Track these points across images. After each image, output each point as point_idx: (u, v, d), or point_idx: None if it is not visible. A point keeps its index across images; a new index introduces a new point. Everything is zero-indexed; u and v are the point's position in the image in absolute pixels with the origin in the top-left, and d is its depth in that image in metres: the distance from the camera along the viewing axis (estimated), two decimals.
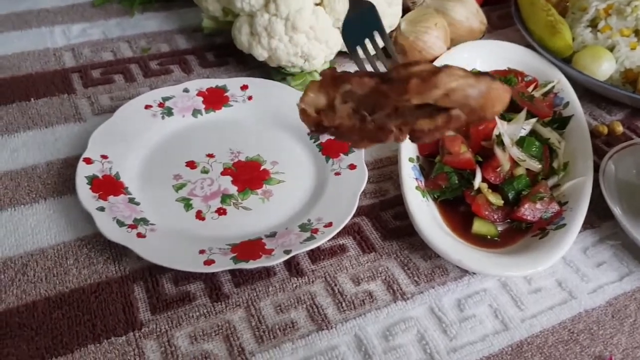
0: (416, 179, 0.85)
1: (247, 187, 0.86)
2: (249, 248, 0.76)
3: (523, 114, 0.89)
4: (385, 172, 0.93)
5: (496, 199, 0.82)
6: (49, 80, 1.04)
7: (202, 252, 0.75)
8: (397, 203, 0.87)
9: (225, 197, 0.84)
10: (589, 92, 1.08)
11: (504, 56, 1.07)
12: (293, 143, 0.93)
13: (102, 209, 0.78)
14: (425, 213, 0.80)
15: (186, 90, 0.97)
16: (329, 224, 0.79)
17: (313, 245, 0.76)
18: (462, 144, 0.85)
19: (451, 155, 0.85)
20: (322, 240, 0.76)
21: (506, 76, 0.99)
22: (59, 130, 0.92)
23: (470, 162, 0.84)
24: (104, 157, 0.86)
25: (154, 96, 0.95)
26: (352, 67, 1.12)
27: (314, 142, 0.93)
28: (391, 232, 0.83)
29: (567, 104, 0.99)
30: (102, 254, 0.78)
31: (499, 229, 0.82)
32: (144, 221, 0.79)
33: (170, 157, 0.87)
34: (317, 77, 1.01)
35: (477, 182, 0.83)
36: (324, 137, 0.93)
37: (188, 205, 0.83)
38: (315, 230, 0.78)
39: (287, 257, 0.74)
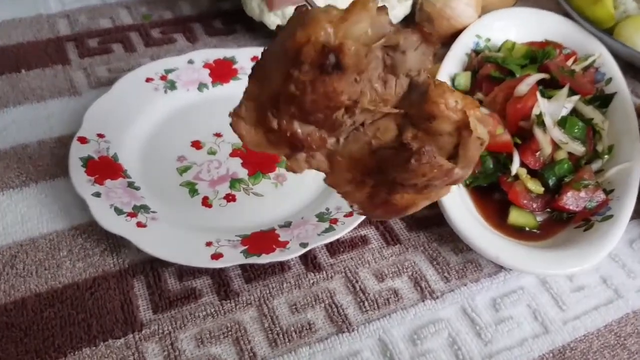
0: None
1: (258, 171, 0.78)
2: (261, 240, 0.68)
3: (565, 90, 0.80)
4: None
5: (535, 186, 0.73)
6: (42, 49, 0.95)
7: (209, 244, 0.67)
8: None
9: (235, 182, 0.76)
10: (632, 67, 0.99)
11: (540, 26, 0.98)
12: None
13: (98, 194, 0.71)
14: (456, 201, 0.72)
15: (191, 62, 0.89)
16: (350, 214, 0.71)
17: (332, 238, 0.68)
18: (498, 124, 0.76)
19: None
20: (341, 232, 0.68)
21: (544, 48, 0.89)
22: (52, 105, 0.84)
23: (508, 144, 0.75)
24: (101, 136, 0.78)
25: (155, 68, 0.87)
26: None
27: None
28: (418, 221, 0.75)
29: (610, 80, 0.90)
30: (99, 245, 0.70)
31: (538, 219, 0.74)
32: (145, 208, 0.71)
33: (173, 136, 0.81)
34: None
35: (515, 167, 0.74)
36: None
37: (193, 191, 0.75)
38: (334, 221, 0.70)
39: (303, 250, 0.66)
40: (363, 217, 0.70)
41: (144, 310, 0.65)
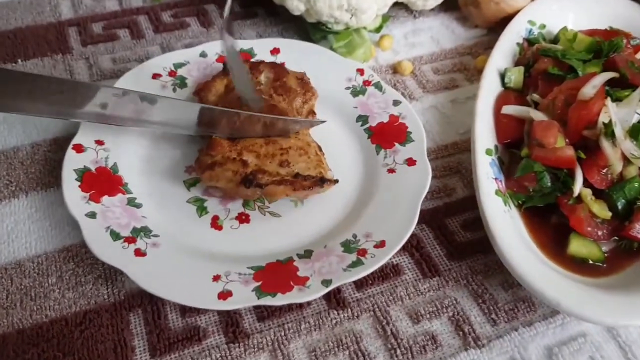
0: (495, 178, 0.65)
1: None
2: (277, 274, 0.59)
3: (638, 92, 0.68)
4: (451, 164, 0.73)
5: (602, 210, 0.62)
6: (41, 36, 0.86)
7: (216, 278, 0.58)
8: (468, 206, 0.68)
9: (249, 200, 0.66)
10: None
11: (604, 11, 0.85)
12: (334, 125, 0.74)
13: (92, 214, 0.62)
14: (508, 228, 0.61)
15: (203, 55, 0.78)
16: (381, 244, 0.60)
17: (359, 275, 0.58)
18: (558, 133, 0.64)
19: (543, 149, 0.64)
20: (371, 269, 0.59)
21: (611, 39, 0.76)
22: None
23: (570, 159, 0.64)
24: (99, 142, 0.68)
25: (163, 62, 0.77)
26: (407, 24, 0.91)
27: (361, 124, 0.73)
28: (460, 247, 0.65)
29: None
30: (92, 271, 0.62)
31: (604, 249, 0.62)
32: (145, 232, 0.62)
33: (182, 142, 0.72)
34: (365, 36, 0.81)
35: (578, 186, 0.63)
36: (373, 121, 0.73)
37: (202, 209, 0.65)
38: (363, 252, 0.60)
39: (325, 290, 0.57)
40: (396, 249, 0.60)
41: (140, 352, 0.56)
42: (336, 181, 0.65)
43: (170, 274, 0.58)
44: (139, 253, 0.60)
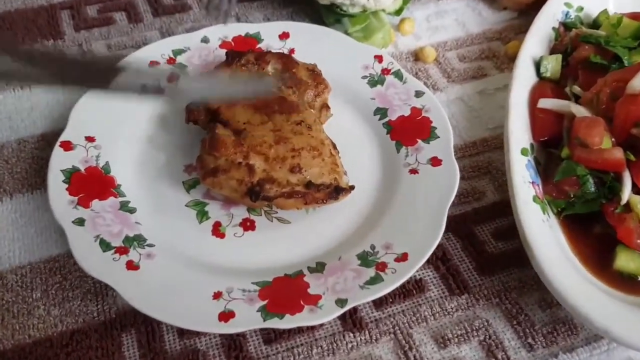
0: (532, 182, 0.58)
1: None
2: (286, 291, 0.52)
3: None
4: (480, 163, 0.66)
5: None
6: (31, 20, 0.79)
7: (217, 295, 0.51)
8: (499, 212, 0.62)
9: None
10: None
11: None
12: (349, 119, 0.67)
13: (81, 221, 0.55)
14: (547, 239, 0.55)
15: (205, 40, 0.71)
16: (403, 257, 0.54)
17: (379, 293, 0.52)
18: (604, 131, 0.57)
19: (587, 150, 0.57)
20: (392, 286, 0.52)
21: None
22: (37, 94, 0.70)
23: (618, 162, 0.57)
24: (90, 139, 0.62)
25: (161, 48, 0.70)
26: (430, 5, 0.83)
27: (380, 118, 0.66)
28: (491, 260, 0.58)
29: None
30: (81, 284, 0.56)
31: None
32: (139, 241, 0.55)
33: (182, 138, 0.65)
34: (383, 19, 0.73)
35: (627, 193, 0.56)
36: (393, 114, 0.66)
37: (202, 214, 0.59)
38: (382, 267, 0.53)
39: (339, 312, 0.51)
40: (420, 263, 0.53)
41: None
42: (352, 188, 0.58)
43: (166, 290, 0.52)
44: (131, 266, 0.53)
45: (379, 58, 0.70)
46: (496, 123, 0.70)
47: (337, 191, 0.57)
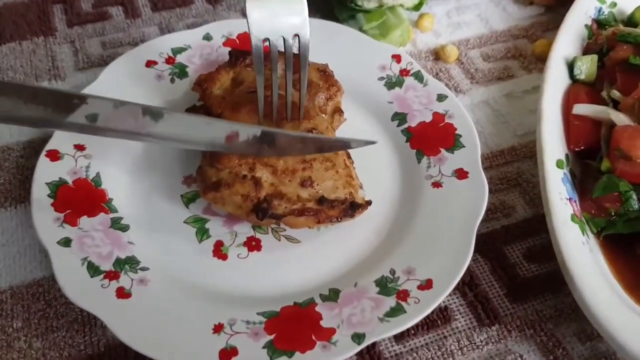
0: (569, 199, 0.52)
1: None
2: (295, 324, 0.47)
3: None
4: (508, 174, 0.60)
5: None
6: (21, 15, 0.74)
7: (218, 328, 0.46)
8: (531, 230, 0.57)
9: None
10: None
11: None
12: (364, 125, 0.62)
13: (67, 242, 0.50)
14: (587, 263, 0.49)
15: (208, 38, 0.65)
16: (427, 284, 0.48)
17: (401, 327, 0.46)
18: None
19: (630, 163, 0.51)
20: (415, 318, 0.46)
21: None
22: None
23: None
24: (80, 147, 0.56)
25: (160, 46, 0.64)
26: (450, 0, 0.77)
27: (398, 124, 0.60)
28: (524, 285, 0.53)
29: None
30: (67, 312, 0.51)
31: None
32: (132, 264, 0.50)
33: None
34: (402, 15, 0.67)
35: None
36: (413, 120, 0.60)
37: (203, 232, 0.53)
38: (404, 295, 0.47)
39: (356, 349, 0.45)
40: (447, 292, 0.47)
41: None
42: (369, 204, 0.52)
43: (161, 322, 0.46)
44: (122, 294, 0.47)
45: (397, 58, 0.64)
46: (525, 129, 0.64)
47: (352, 207, 0.51)
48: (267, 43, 0.50)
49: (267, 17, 0.49)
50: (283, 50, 0.51)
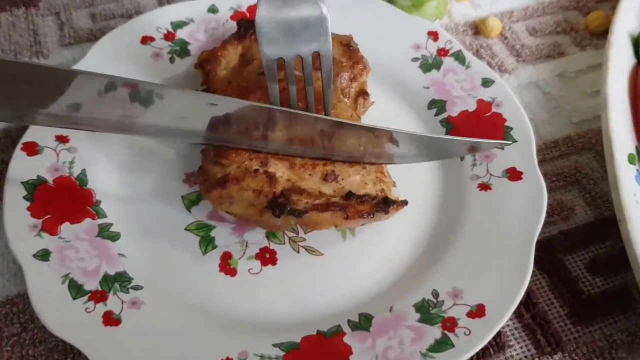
0: None
1: None
2: (319, 356, 0.38)
3: None
4: (565, 169, 0.52)
5: None
6: None
7: None
8: (594, 236, 0.48)
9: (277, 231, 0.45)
10: None
11: None
12: (395, 114, 0.53)
13: (44, 255, 0.42)
14: None
15: (213, 10, 0.57)
16: (479, 310, 0.40)
17: None
18: None
19: None
20: (465, 354, 0.38)
21: None
22: None
23: None
24: (62, 139, 0.48)
25: (158, 20, 0.56)
26: None
27: (435, 113, 0.51)
28: (589, 303, 0.45)
29: None
30: (45, 339, 0.43)
31: None
32: (122, 281, 0.42)
33: None
34: None
35: None
36: (454, 109, 0.51)
37: (208, 241, 0.45)
38: (451, 325, 0.39)
39: None
40: (504, 321, 0.39)
41: None
42: (404, 203, 0.44)
43: (156, 357, 0.38)
44: (109, 320, 0.40)
45: (433, 35, 0.55)
46: (582, 116, 0.55)
47: (386, 203, 0.43)
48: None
49: (281, 32, 0.40)
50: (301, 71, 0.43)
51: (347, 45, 0.52)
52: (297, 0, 0.39)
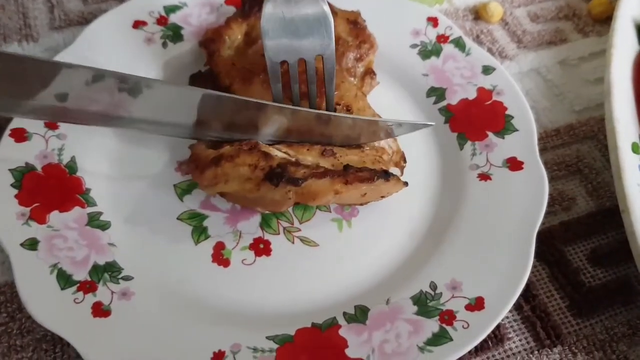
0: None
1: None
2: (314, 352, 0.38)
3: None
4: (566, 158, 0.51)
5: None
6: None
7: (217, 357, 0.37)
8: (596, 227, 0.47)
9: (270, 216, 0.44)
10: None
11: None
12: (394, 102, 0.52)
13: (32, 244, 0.41)
14: None
15: None
16: (478, 303, 0.39)
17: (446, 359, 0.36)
18: None
19: None
20: (464, 348, 0.37)
21: None
22: None
23: None
24: (51, 125, 0.47)
25: (150, 3, 0.55)
26: None
27: (435, 101, 0.50)
28: (590, 295, 0.44)
29: None
30: (33, 329, 0.41)
31: None
32: (112, 271, 0.41)
33: None
34: None
35: None
36: (453, 97, 0.50)
37: (200, 231, 0.44)
38: (449, 318, 0.38)
39: None
40: (503, 314, 0.38)
41: None
42: (405, 184, 0.43)
43: (146, 349, 0.37)
44: (99, 311, 0.39)
45: (433, 21, 0.54)
46: (584, 104, 0.54)
47: (386, 174, 0.42)
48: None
49: (285, 35, 0.40)
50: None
51: (354, 23, 0.50)
52: (301, 2, 0.40)
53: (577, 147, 0.51)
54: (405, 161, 0.46)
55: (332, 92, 0.43)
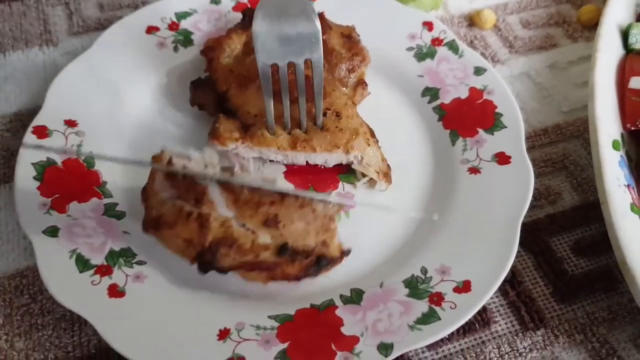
0: (627, 185, 0.45)
1: (310, 187, 0.48)
2: (312, 330, 0.41)
3: None
4: (553, 156, 0.54)
5: None
6: None
7: (223, 334, 0.40)
8: (580, 219, 0.50)
9: None
10: None
11: None
12: (390, 102, 0.55)
13: (53, 231, 0.44)
14: None
15: (216, 1, 0.59)
16: (465, 286, 0.42)
17: (434, 337, 0.40)
18: None
19: None
20: (451, 327, 0.41)
21: None
22: (14, 61, 0.60)
23: None
24: (71, 123, 0.51)
25: (162, 10, 0.59)
26: None
27: (429, 100, 0.53)
28: (573, 282, 0.47)
29: None
30: (53, 309, 0.45)
31: None
32: (127, 256, 0.44)
33: (186, 117, 0.54)
34: None
35: None
36: (446, 96, 0.53)
37: None
38: (438, 299, 0.41)
39: None
40: (488, 295, 0.41)
41: None
42: (345, 254, 0.43)
43: (158, 327, 0.41)
44: (114, 292, 0.42)
45: (428, 25, 0.57)
46: (571, 105, 0.57)
47: (319, 263, 0.42)
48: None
49: (275, 40, 0.44)
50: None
51: (348, 37, 0.54)
52: (291, 14, 0.43)
53: (564, 146, 0.54)
54: (389, 168, 0.49)
55: (320, 100, 0.46)
